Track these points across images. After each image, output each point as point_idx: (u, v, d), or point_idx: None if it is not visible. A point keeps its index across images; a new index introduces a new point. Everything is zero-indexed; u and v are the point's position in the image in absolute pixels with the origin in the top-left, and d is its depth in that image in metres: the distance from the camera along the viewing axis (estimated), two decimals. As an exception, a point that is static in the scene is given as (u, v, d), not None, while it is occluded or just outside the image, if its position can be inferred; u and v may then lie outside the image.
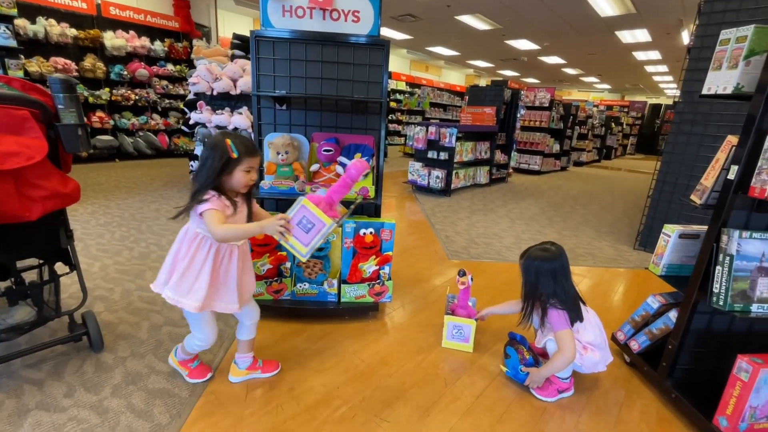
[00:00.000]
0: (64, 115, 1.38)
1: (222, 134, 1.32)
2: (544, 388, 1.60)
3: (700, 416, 1.41)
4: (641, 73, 13.52)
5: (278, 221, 1.30)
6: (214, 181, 1.30)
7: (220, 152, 1.28)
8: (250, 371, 1.59)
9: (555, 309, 1.52)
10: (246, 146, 1.31)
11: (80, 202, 3.93)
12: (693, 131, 3.13)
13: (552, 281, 1.54)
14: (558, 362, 1.51)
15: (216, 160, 1.28)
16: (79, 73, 5.91)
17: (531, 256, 1.60)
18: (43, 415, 1.34)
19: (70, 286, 2.21)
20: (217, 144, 1.28)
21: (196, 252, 1.35)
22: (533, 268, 1.57)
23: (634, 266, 3.25)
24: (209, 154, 1.29)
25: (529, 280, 1.59)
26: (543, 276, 1.55)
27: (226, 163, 1.29)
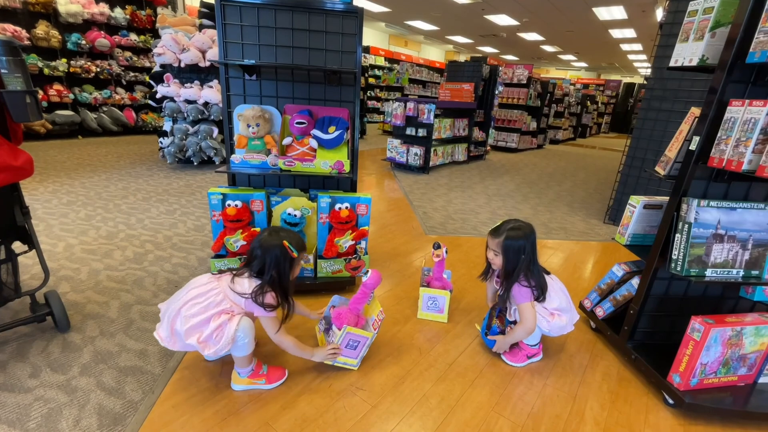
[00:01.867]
0: (9, 81, 1.28)
1: (275, 234, 1.37)
2: (514, 354, 1.67)
3: (656, 374, 1.51)
4: (617, 51, 13.70)
5: (329, 352, 1.47)
6: (281, 284, 1.36)
7: (282, 256, 1.34)
8: (253, 379, 1.42)
9: (519, 285, 1.56)
10: (299, 242, 1.40)
11: (41, 181, 3.72)
12: (662, 107, 3.21)
13: (527, 259, 1.56)
14: (519, 332, 1.59)
15: (283, 265, 1.35)
16: (32, 41, 5.48)
17: (510, 237, 1.57)
18: (7, 396, 1.30)
19: (32, 266, 2.12)
20: (276, 247, 1.34)
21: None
22: (514, 247, 1.56)
23: (603, 239, 3.38)
24: (272, 260, 1.33)
25: (511, 260, 1.57)
26: (522, 254, 1.56)
27: (290, 264, 1.37)
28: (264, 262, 1.34)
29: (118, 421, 1.24)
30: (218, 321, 1.28)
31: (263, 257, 1.34)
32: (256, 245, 1.36)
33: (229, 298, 1.34)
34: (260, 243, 1.36)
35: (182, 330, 1.26)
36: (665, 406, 1.48)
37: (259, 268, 1.35)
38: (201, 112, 4.46)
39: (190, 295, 1.31)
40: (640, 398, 1.52)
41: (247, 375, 1.41)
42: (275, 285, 1.35)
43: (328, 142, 1.95)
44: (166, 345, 1.30)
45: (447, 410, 1.39)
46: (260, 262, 1.34)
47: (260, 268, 1.35)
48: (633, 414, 1.44)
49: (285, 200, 1.99)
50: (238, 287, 1.33)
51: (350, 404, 1.38)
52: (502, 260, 1.59)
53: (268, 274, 1.33)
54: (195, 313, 1.28)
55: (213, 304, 1.30)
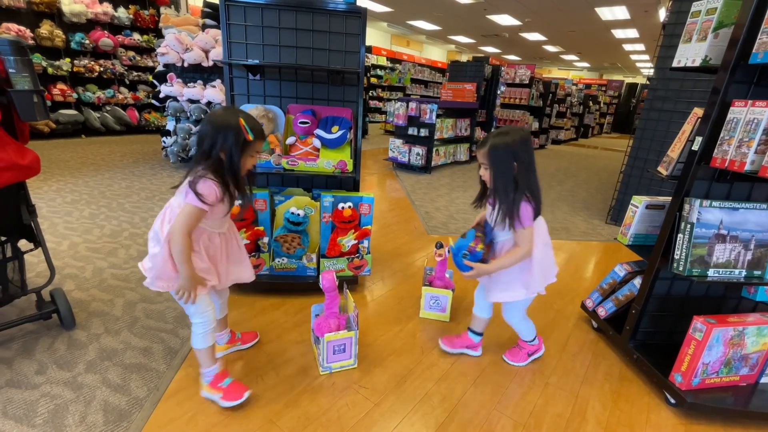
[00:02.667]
0: (17, 81, 1.29)
1: (231, 111, 1.17)
2: (514, 354, 1.67)
3: (658, 374, 1.51)
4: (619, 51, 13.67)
5: (200, 285, 1.22)
6: (230, 171, 1.17)
7: (234, 134, 1.14)
8: (230, 345, 1.58)
9: (527, 202, 1.32)
10: (256, 127, 1.20)
11: (45, 180, 3.74)
12: (664, 107, 3.20)
13: (523, 168, 1.30)
14: (514, 257, 1.37)
15: (229, 143, 1.13)
16: (36, 41, 5.50)
17: (496, 143, 1.30)
18: (14, 393, 1.32)
19: (37, 264, 2.13)
20: (229, 124, 1.14)
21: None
22: (503, 154, 1.29)
23: (605, 239, 3.38)
24: (217, 136, 1.13)
25: (501, 170, 1.31)
26: (514, 161, 1.29)
27: (242, 147, 1.16)
28: (212, 143, 1.14)
29: (123, 417, 1.25)
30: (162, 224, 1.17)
31: (213, 135, 1.14)
32: (204, 123, 1.17)
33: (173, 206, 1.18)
34: (210, 119, 1.16)
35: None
36: (667, 405, 1.48)
37: (206, 151, 1.15)
38: (204, 112, 4.47)
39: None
40: (641, 398, 1.52)
41: (225, 342, 1.40)
42: (219, 172, 1.16)
43: (331, 141, 1.96)
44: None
45: (449, 409, 1.39)
46: (209, 143, 1.15)
47: (207, 151, 1.15)
48: (635, 413, 1.44)
49: (288, 199, 2.00)
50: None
51: (353, 402, 1.39)
52: (491, 173, 1.33)
53: (213, 155, 1.14)
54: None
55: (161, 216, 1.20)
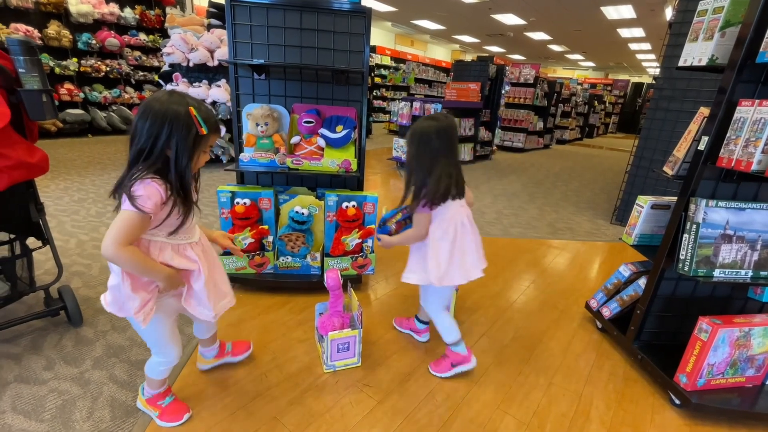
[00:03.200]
0: (26, 80, 1.31)
1: (177, 98, 0.94)
2: (438, 363, 1.56)
3: (662, 375, 1.51)
4: (625, 50, 13.58)
5: (181, 285, 1.09)
6: (176, 171, 0.96)
7: (184, 126, 0.93)
8: (219, 358, 1.47)
9: (425, 188, 1.35)
10: (210, 118, 0.99)
11: (52, 179, 3.78)
12: (670, 107, 3.18)
13: (434, 154, 1.33)
14: (406, 236, 1.44)
15: (178, 138, 0.92)
16: (43, 41, 5.56)
17: (416, 127, 1.35)
18: (23, 388, 1.34)
19: (45, 262, 2.16)
20: (178, 114, 0.92)
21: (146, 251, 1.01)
22: (420, 138, 1.35)
23: (610, 239, 3.36)
24: (162, 129, 0.91)
25: (413, 153, 1.37)
26: (429, 147, 1.33)
27: (194, 142, 0.96)
28: (154, 137, 0.91)
29: (129, 413, 1.27)
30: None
31: (155, 128, 0.91)
32: (142, 112, 0.92)
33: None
34: (151, 108, 0.92)
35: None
36: (671, 406, 1.48)
37: (146, 148, 0.92)
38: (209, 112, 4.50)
39: None
40: (646, 398, 1.52)
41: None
42: (162, 173, 0.94)
43: (336, 141, 1.96)
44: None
45: (453, 407, 1.40)
46: (149, 137, 0.91)
47: (147, 148, 0.92)
48: (639, 414, 1.44)
49: (293, 198, 2.01)
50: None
51: (356, 400, 1.40)
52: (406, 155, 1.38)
53: (156, 153, 0.92)
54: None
55: None
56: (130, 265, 0.95)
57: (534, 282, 2.45)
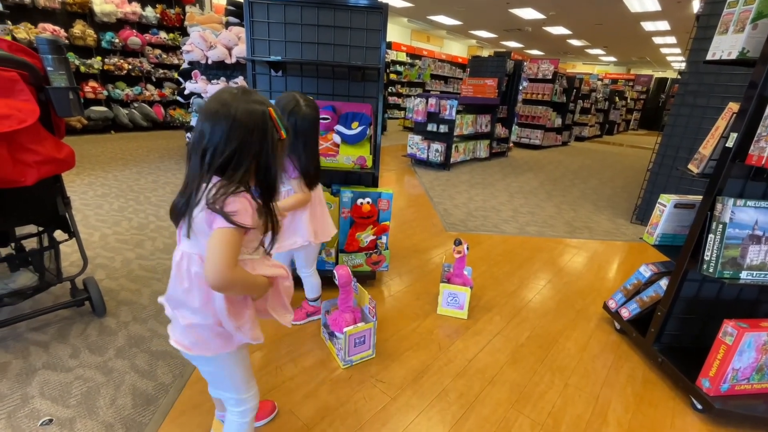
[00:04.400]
0: (54, 78, 1.35)
1: (255, 99, 0.80)
2: (295, 313, 1.74)
3: (684, 378, 1.47)
4: (649, 44, 13.14)
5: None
6: (266, 181, 0.84)
7: (269, 132, 0.80)
8: None
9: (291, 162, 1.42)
10: (283, 119, 0.85)
11: (77, 174, 3.90)
12: (696, 103, 3.07)
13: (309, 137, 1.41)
14: (299, 200, 1.46)
15: (267, 146, 0.80)
16: (69, 40, 5.72)
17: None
18: (50, 375, 1.39)
19: (71, 254, 2.24)
20: (263, 118, 0.78)
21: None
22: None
23: (630, 239, 3.28)
24: (248, 137, 0.77)
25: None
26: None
27: (275, 149, 0.82)
28: (235, 140, 0.76)
29: (150, 401, 1.31)
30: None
31: (237, 129, 0.76)
32: (216, 116, 0.76)
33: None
34: (229, 112, 0.76)
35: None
36: (693, 411, 1.44)
37: (231, 159, 0.77)
38: (227, 108, 4.57)
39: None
40: (666, 402, 1.48)
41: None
42: (247, 186, 0.80)
43: (351, 137, 1.97)
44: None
45: (466, 406, 1.39)
46: (234, 147, 0.77)
47: (234, 160, 0.77)
48: (658, 418, 1.40)
49: (308, 194, 2.03)
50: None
51: (370, 396, 1.40)
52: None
53: (243, 160, 0.78)
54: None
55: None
56: (242, 286, 0.83)
57: (550, 281, 2.41)
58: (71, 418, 1.22)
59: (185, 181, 0.81)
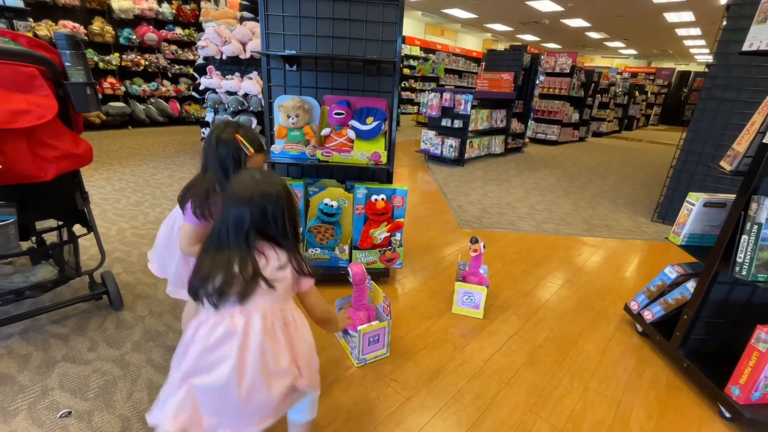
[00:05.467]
0: (72, 73, 1.36)
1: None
2: None
3: (711, 385, 1.41)
4: (671, 37, 12.70)
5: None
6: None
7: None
8: None
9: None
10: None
11: (96, 168, 3.98)
12: (725, 97, 2.94)
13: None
14: None
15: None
16: (89, 37, 5.82)
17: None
18: (70, 367, 1.41)
19: (89, 248, 2.27)
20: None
21: None
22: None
23: (651, 238, 3.18)
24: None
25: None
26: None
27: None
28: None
29: (166, 396, 1.31)
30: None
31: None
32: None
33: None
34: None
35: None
36: (721, 419, 1.38)
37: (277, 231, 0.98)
38: (241, 104, 4.58)
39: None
40: (692, 409, 1.42)
41: None
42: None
43: (366, 132, 1.94)
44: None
45: (482, 407, 1.36)
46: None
47: (280, 230, 0.99)
48: (684, 425, 1.35)
49: (322, 191, 2.01)
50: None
51: (384, 395, 1.39)
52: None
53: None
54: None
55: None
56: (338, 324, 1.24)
57: (568, 281, 2.35)
58: (89, 411, 1.24)
59: (227, 262, 0.87)
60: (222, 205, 0.93)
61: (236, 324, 0.85)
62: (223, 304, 0.86)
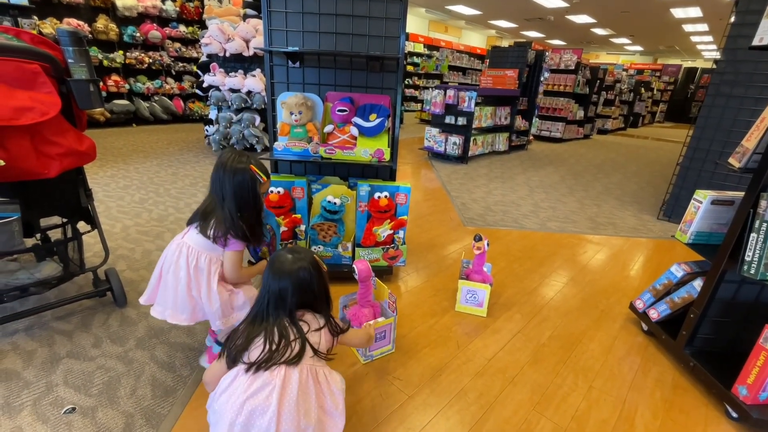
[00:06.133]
0: (75, 70, 1.35)
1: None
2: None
3: (718, 385, 1.39)
4: (678, 33, 12.55)
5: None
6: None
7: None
8: None
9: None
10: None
11: (100, 166, 3.99)
12: (733, 93, 2.90)
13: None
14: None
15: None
16: (93, 35, 5.84)
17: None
18: (74, 363, 1.42)
19: (93, 245, 2.28)
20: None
21: None
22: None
23: (656, 236, 3.15)
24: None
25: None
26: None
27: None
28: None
29: (169, 393, 1.32)
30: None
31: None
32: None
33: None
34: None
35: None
36: (727, 419, 1.36)
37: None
38: (244, 101, 4.59)
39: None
40: (697, 409, 1.41)
41: None
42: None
43: (369, 129, 1.93)
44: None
45: (485, 406, 1.35)
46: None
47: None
48: (689, 425, 1.34)
49: (325, 188, 2.01)
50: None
51: (387, 393, 1.38)
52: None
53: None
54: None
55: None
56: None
57: (573, 279, 2.33)
58: (93, 407, 1.24)
59: (279, 341, 0.97)
60: (263, 282, 1.05)
61: (275, 376, 0.93)
62: (270, 368, 0.94)
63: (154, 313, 1.31)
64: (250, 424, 0.88)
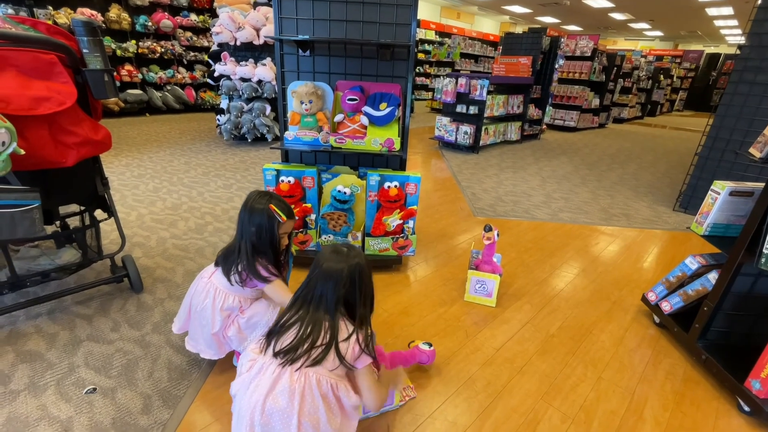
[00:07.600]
0: (90, 60, 1.37)
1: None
2: None
3: (730, 378, 1.38)
4: (701, 17, 12.08)
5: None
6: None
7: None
8: None
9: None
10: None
11: (115, 155, 4.07)
12: (757, 80, 2.80)
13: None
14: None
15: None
16: (106, 24, 5.89)
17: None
18: (94, 346, 1.47)
19: (110, 233, 2.34)
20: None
21: None
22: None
23: (672, 228, 3.09)
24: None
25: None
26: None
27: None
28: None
29: (184, 376, 1.36)
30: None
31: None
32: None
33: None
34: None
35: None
36: (739, 413, 1.35)
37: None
38: (255, 90, 4.59)
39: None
40: (709, 402, 1.40)
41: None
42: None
43: (379, 119, 1.92)
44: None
45: (493, 395, 1.37)
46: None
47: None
48: (700, 418, 1.33)
49: (335, 177, 2.01)
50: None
51: (396, 380, 1.40)
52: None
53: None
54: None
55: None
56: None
57: (584, 270, 2.31)
58: (113, 388, 1.29)
59: (309, 335, 0.97)
60: (311, 271, 1.04)
61: (293, 380, 0.93)
62: (288, 363, 0.94)
63: (189, 347, 1.37)
64: (269, 426, 0.90)
